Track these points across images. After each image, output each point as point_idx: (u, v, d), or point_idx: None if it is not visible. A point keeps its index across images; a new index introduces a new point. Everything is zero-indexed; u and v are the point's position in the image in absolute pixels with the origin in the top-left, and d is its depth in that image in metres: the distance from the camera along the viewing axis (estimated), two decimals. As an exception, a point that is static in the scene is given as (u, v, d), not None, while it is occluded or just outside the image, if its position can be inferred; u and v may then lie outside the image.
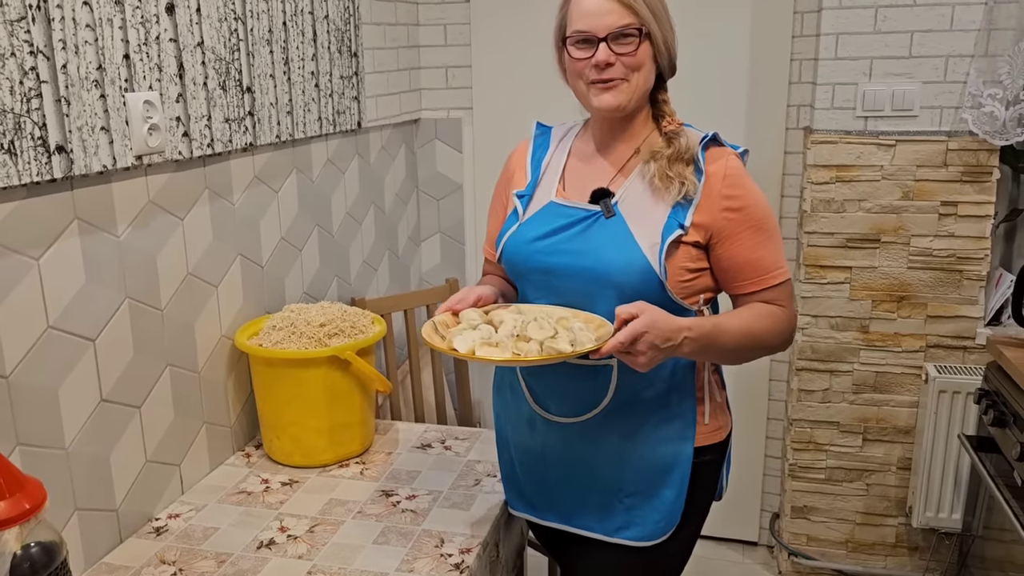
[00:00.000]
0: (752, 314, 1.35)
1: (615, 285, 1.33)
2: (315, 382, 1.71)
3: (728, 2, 2.57)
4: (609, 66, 1.32)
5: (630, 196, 1.37)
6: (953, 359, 2.47)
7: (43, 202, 1.29)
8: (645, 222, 1.33)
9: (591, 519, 1.46)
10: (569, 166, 1.47)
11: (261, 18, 1.84)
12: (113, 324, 1.45)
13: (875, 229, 2.44)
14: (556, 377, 1.42)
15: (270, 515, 1.58)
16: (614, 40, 1.31)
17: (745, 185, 1.35)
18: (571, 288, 1.37)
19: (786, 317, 1.37)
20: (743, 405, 2.80)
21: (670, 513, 1.42)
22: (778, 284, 1.36)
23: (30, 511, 0.99)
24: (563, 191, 1.44)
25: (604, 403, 1.39)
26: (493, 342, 1.26)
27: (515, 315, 1.33)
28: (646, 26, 1.31)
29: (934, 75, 2.32)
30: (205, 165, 1.69)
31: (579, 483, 1.46)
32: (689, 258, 1.33)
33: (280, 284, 2.00)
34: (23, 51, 1.22)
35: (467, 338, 1.27)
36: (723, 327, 1.30)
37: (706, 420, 1.43)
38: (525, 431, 1.50)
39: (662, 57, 1.36)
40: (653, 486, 1.41)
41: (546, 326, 1.27)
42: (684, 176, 1.33)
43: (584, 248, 1.35)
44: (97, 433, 1.43)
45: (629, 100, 1.35)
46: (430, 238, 2.99)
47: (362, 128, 2.40)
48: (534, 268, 1.41)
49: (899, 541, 2.63)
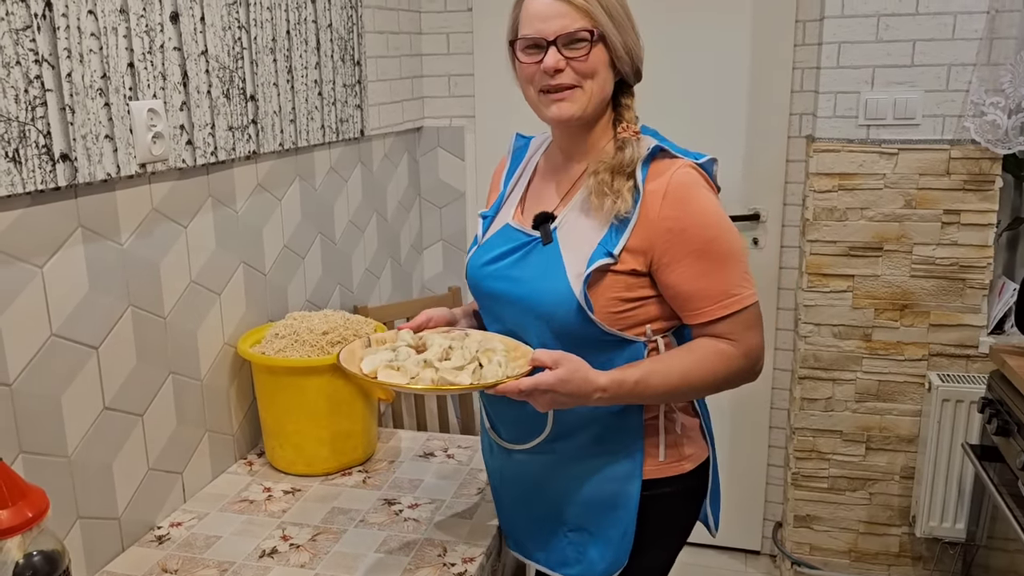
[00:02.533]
0: (693, 357, 1.22)
1: (542, 316, 1.25)
2: (317, 390, 1.71)
3: (729, 11, 2.58)
4: (559, 72, 1.22)
5: (570, 219, 1.28)
6: (956, 368, 2.47)
7: (47, 210, 1.30)
8: (578, 249, 1.24)
9: (538, 550, 1.42)
10: (532, 184, 1.41)
11: (265, 27, 1.84)
12: (116, 332, 1.45)
13: (878, 237, 2.44)
14: (505, 403, 1.29)
15: (272, 524, 1.57)
16: (564, 44, 1.21)
17: (690, 203, 1.20)
18: (509, 316, 1.32)
19: (739, 353, 1.23)
20: (745, 414, 2.80)
21: (615, 553, 1.33)
22: (729, 315, 1.21)
23: (32, 519, 0.99)
24: (520, 214, 1.38)
25: (544, 433, 1.34)
26: (396, 366, 1.20)
27: (447, 340, 1.27)
28: (600, 28, 1.21)
29: (936, 84, 2.32)
30: (208, 173, 1.69)
31: (529, 512, 1.42)
32: (623, 287, 1.22)
33: (283, 292, 2.00)
34: (28, 59, 1.22)
35: (376, 359, 1.22)
36: (647, 382, 1.19)
37: (661, 455, 1.32)
38: (488, 454, 1.51)
39: (621, 63, 1.26)
40: (596, 523, 1.33)
41: (466, 355, 1.22)
42: (620, 192, 1.21)
43: (521, 275, 1.29)
44: (100, 441, 1.43)
45: (583, 110, 1.25)
46: (432, 246, 2.99)
47: (365, 136, 2.40)
48: (483, 293, 1.37)
49: (903, 550, 2.63)
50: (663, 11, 2.55)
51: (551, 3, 1.22)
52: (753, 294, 1.24)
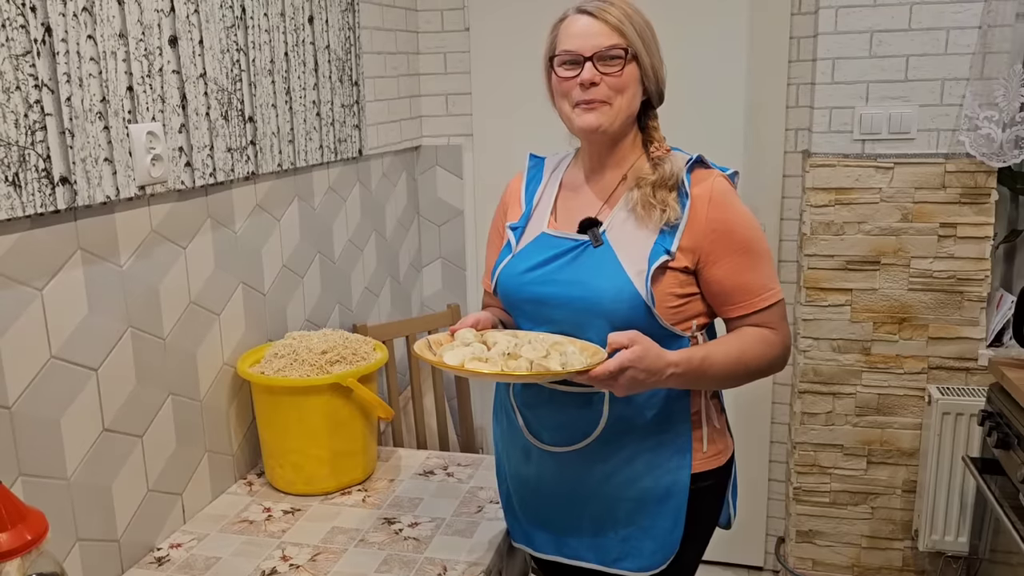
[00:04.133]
0: (742, 341, 1.34)
1: (604, 313, 1.32)
2: (317, 410, 1.71)
3: (725, 28, 2.60)
4: (594, 85, 1.32)
5: (617, 224, 1.37)
6: (956, 381, 2.47)
7: (46, 233, 1.30)
8: (632, 249, 1.34)
9: (587, 550, 1.45)
10: (560, 197, 1.48)
11: (263, 49, 1.86)
12: (115, 353, 1.46)
13: (875, 251, 2.45)
14: (549, 406, 1.41)
15: (272, 544, 1.57)
16: (600, 60, 1.32)
17: (731, 207, 1.35)
18: (562, 318, 1.37)
19: (778, 340, 1.36)
20: (746, 429, 2.79)
21: (667, 543, 1.40)
22: (768, 306, 1.35)
23: (32, 542, 0.99)
24: (554, 222, 1.45)
25: (597, 432, 1.39)
26: (483, 358, 1.26)
27: (510, 337, 1.34)
28: (632, 48, 1.33)
29: (930, 98, 2.34)
30: (207, 194, 1.70)
31: (574, 513, 1.45)
32: (677, 283, 1.33)
33: (282, 312, 2.01)
34: (28, 84, 1.24)
35: (458, 353, 1.28)
36: (712, 359, 1.30)
37: (704, 447, 1.42)
38: (521, 461, 1.50)
39: (649, 82, 1.37)
40: (649, 516, 1.40)
41: (539, 347, 1.28)
42: (666, 203, 1.33)
43: (573, 277, 1.36)
44: (99, 463, 1.43)
45: (612, 122, 1.35)
46: (431, 264, 3.00)
47: (363, 156, 2.42)
48: (526, 298, 1.41)
49: (906, 565, 2.62)
50: (659, 30, 2.56)
51: (589, 23, 1.33)
52: (781, 290, 1.38)
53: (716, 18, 2.60)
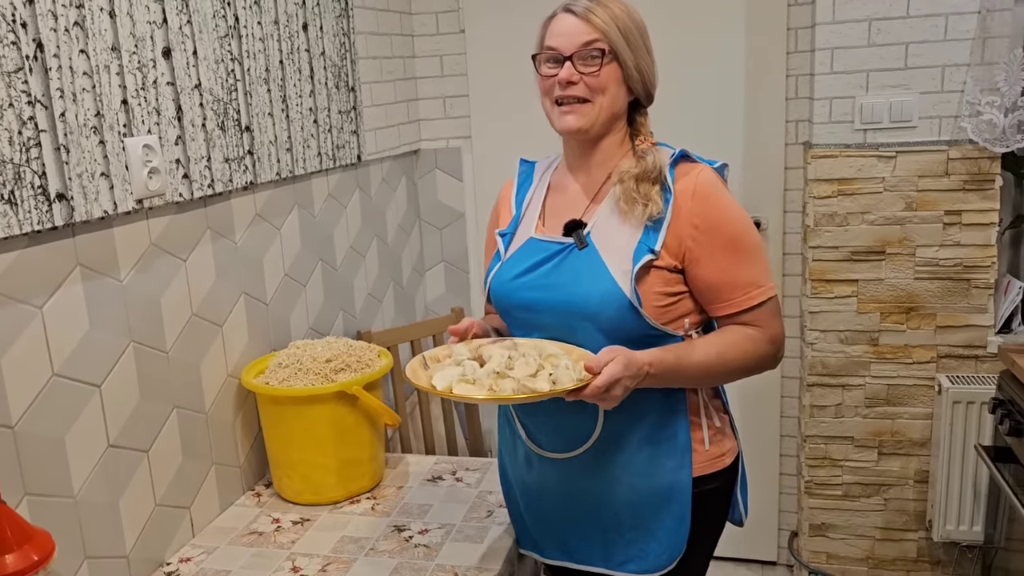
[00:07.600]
0: (725, 340, 1.32)
1: (591, 316, 1.31)
2: (323, 418, 1.70)
3: (721, 21, 2.59)
4: (572, 84, 1.32)
5: (602, 223, 1.36)
6: (965, 369, 2.45)
7: (44, 250, 1.30)
8: (617, 249, 1.32)
9: (594, 554, 1.44)
10: (548, 200, 1.47)
11: (258, 58, 1.85)
12: (118, 369, 1.45)
13: (880, 241, 2.43)
14: (546, 413, 1.39)
15: (282, 555, 1.56)
16: (579, 59, 1.31)
17: (716, 201, 1.31)
18: (551, 323, 1.36)
19: (765, 339, 1.33)
20: (755, 423, 2.78)
21: (673, 544, 1.39)
22: (756, 305, 1.31)
23: (39, 563, 0.99)
24: (542, 226, 1.44)
25: (594, 438, 1.37)
26: (470, 379, 1.25)
27: (504, 350, 1.31)
28: (614, 48, 1.31)
29: (931, 85, 2.32)
30: (206, 205, 1.69)
31: (579, 519, 1.44)
32: (664, 282, 1.31)
33: (285, 321, 2.00)
34: (21, 101, 1.23)
35: (446, 375, 1.26)
36: (689, 358, 1.29)
37: (706, 446, 1.39)
38: (523, 469, 1.49)
39: (633, 82, 1.35)
40: (653, 518, 1.39)
41: (531, 363, 1.25)
42: (649, 197, 1.30)
43: (559, 281, 1.34)
44: (105, 479, 1.42)
45: (592, 123, 1.34)
46: (434, 267, 2.99)
47: (362, 161, 2.41)
48: (516, 304, 1.40)
49: (920, 556, 2.60)
50: (656, 25, 2.54)
51: (573, 22, 1.33)
52: (774, 287, 1.35)
53: (712, 13, 2.58)
